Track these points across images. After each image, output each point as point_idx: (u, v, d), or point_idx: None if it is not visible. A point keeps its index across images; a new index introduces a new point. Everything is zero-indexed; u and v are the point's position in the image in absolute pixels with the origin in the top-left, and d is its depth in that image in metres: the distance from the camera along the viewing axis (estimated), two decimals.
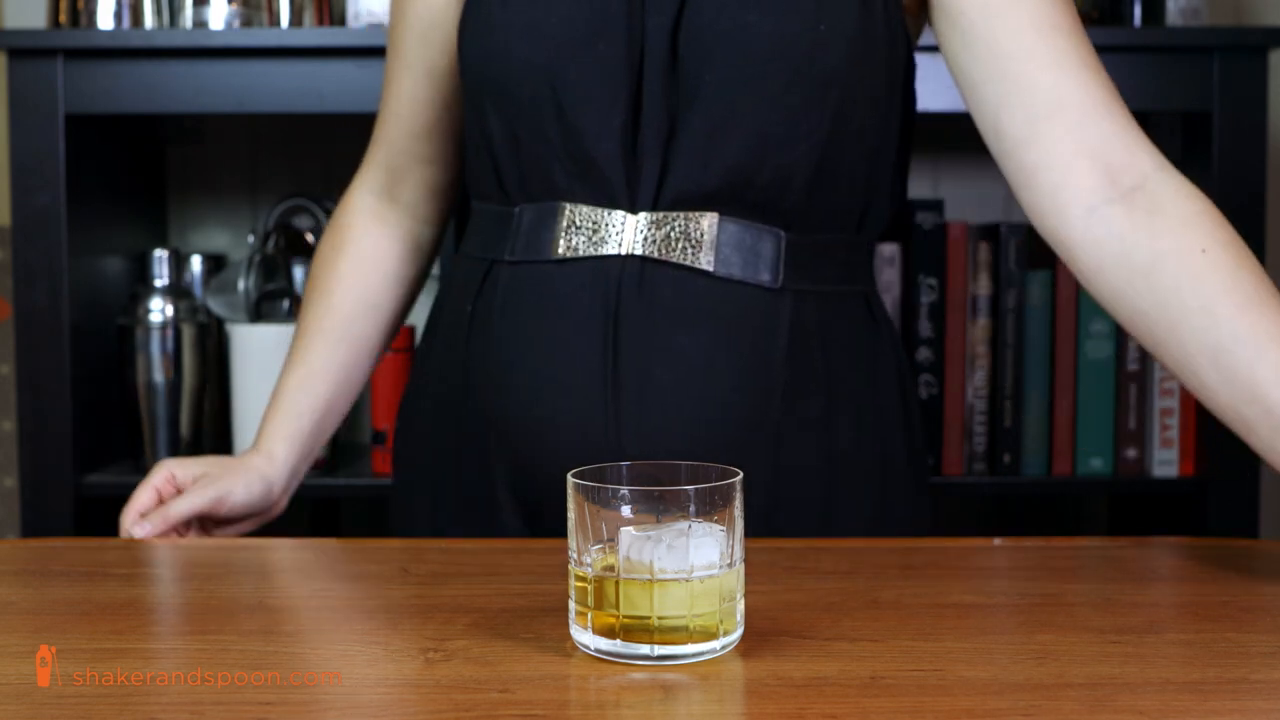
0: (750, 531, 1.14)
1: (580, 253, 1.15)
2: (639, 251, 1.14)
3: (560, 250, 1.15)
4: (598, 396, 1.13)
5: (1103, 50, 1.85)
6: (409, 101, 1.31)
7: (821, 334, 1.18)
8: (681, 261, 1.14)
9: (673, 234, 1.14)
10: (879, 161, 1.21)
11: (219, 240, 2.25)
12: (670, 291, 1.14)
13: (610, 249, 1.14)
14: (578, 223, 1.15)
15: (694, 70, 1.13)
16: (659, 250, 1.14)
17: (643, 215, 1.14)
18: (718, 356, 1.14)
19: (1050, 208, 1.13)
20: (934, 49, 1.36)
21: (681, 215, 1.14)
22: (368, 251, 1.34)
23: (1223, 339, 1.05)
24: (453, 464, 1.23)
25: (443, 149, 1.33)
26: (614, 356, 1.14)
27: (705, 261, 1.14)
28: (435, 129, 1.31)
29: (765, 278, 1.15)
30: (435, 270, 1.69)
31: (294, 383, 1.31)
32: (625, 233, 1.14)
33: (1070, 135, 1.13)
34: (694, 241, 1.14)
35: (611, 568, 0.81)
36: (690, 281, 1.14)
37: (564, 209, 1.16)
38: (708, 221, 1.14)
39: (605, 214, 1.15)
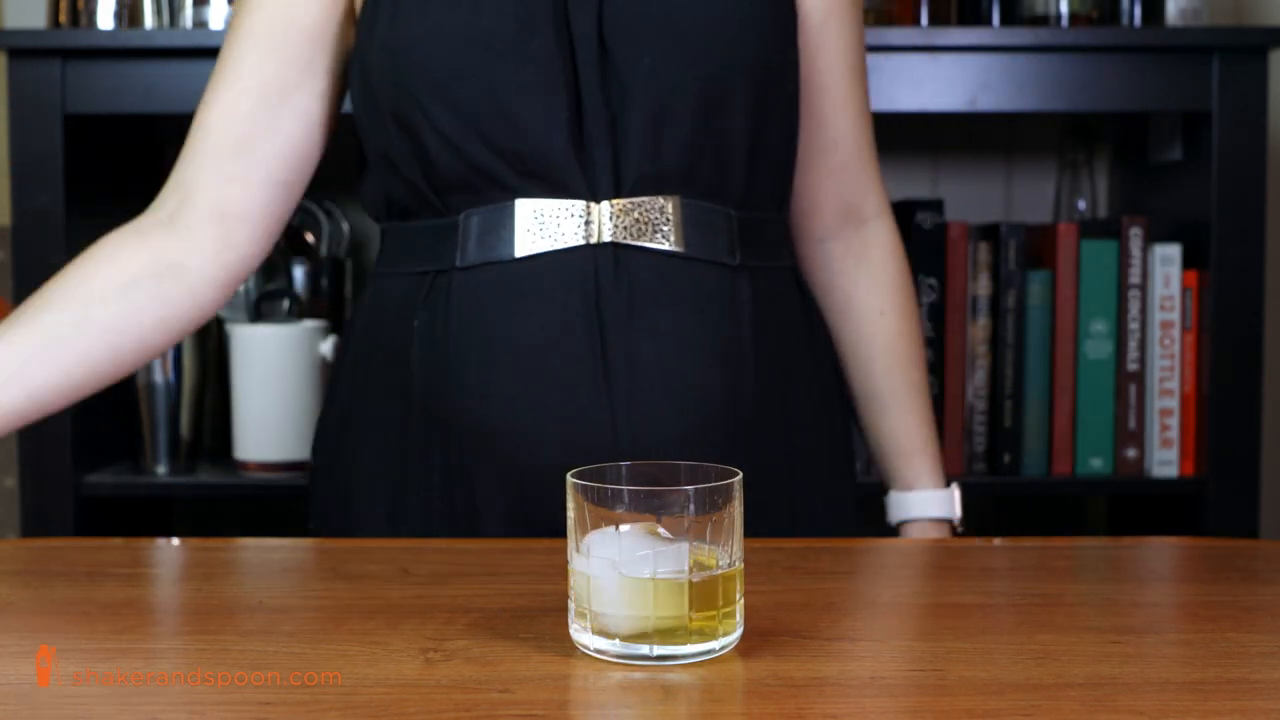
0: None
1: (544, 248, 1.15)
2: (609, 238, 1.16)
3: (523, 248, 1.15)
4: (589, 384, 1.14)
5: (1102, 50, 1.87)
6: (231, 117, 1.21)
7: (774, 309, 1.23)
8: (653, 244, 1.16)
9: (641, 218, 1.16)
10: (793, 140, 1.27)
11: None
12: (647, 274, 1.16)
13: (575, 239, 1.15)
14: (538, 218, 1.16)
15: (627, 58, 1.16)
16: (631, 235, 1.16)
17: (606, 203, 1.16)
18: (696, 334, 1.17)
19: (798, 226, 1.34)
20: (931, 49, 1.36)
21: (646, 199, 1.16)
22: (104, 252, 1.21)
23: (871, 389, 1.34)
24: (411, 485, 1.21)
25: (254, 170, 1.22)
26: (601, 343, 1.15)
27: (675, 242, 1.17)
28: (265, 154, 1.22)
29: (725, 256, 1.19)
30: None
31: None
32: (594, 221, 1.15)
33: (832, 175, 1.31)
34: (662, 224, 1.16)
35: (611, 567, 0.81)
36: (663, 263, 1.17)
37: (519, 207, 1.16)
38: (671, 204, 1.17)
39: (567, 205, 1.16)
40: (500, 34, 1.15)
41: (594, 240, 1.15)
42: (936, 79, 1.86)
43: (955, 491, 1.34)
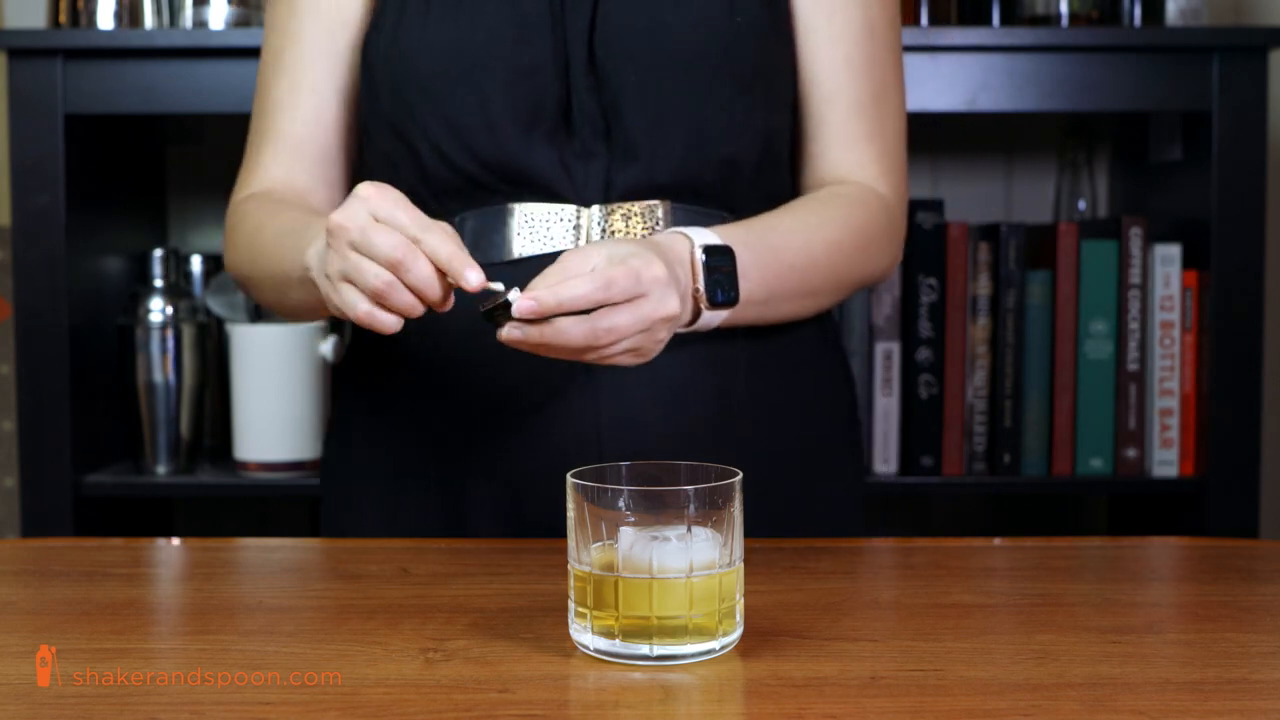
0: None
1: (536, 250, 1.15)
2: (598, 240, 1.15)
3: (515, 250, 1.15)
4: (573, 386, 1.14)
5: (1102, 50, 1.87)
6: (315, 125, 1.24)
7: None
8: None
9: (630, 222, 1.16)
10: (795, 143, 1.25)
11: (219, 240, 2.25)
12: None
13: (565, 243, 1.15)
14: (529, 222, 1.16)
15: (615, 70, 1.15)
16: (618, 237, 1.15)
17: (596, 207, 1.16)
18: (682, 337, 1.15)
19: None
20: (931, 49, 1.35)
21: (636, 204, 1.16)
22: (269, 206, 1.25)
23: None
24: (407, 486, 1.21)
25: (340, 174, 1.27)
26: None
27: None
28: (339, 154, 1.26)
29: None
30: None
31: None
32: (583, 225, 1.15)
33: (809, 146, 1.24)
34: (649, 228, 1.16)
35: (611, 567, 0.81)
36: None
37: (513, 210, 1.16)
38: (663, 208, 1.16)
39: (557, 210, 1.16)
40: (493, 48, 1.16)
41: (583, 242, 1.15)
42: (936, 79, 1.86)
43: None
